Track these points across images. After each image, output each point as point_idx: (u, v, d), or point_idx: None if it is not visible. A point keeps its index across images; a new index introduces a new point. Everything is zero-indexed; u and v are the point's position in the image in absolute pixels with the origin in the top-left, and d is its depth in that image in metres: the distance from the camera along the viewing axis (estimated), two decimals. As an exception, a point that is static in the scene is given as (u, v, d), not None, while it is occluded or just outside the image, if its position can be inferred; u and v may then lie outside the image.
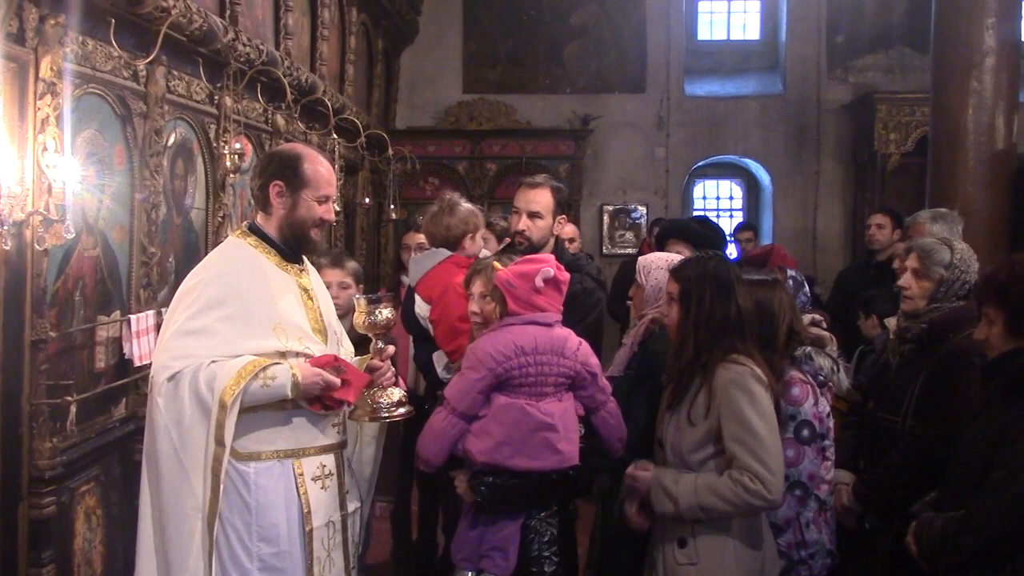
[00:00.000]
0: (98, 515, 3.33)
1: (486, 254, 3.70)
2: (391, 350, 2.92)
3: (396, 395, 2.85)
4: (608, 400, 2.95)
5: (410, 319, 3.61)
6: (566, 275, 2.94)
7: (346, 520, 2.87)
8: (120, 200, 3.47)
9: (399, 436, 3.37)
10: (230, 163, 4.17)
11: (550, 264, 2.90)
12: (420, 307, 3.55)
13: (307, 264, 2.97)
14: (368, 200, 7.51)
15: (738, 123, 9.33)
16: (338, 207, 2.95)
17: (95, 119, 3.28)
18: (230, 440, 2.59)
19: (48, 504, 2.92)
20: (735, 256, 7.21)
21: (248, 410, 2.62)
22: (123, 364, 3.47)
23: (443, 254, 3.61)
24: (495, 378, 2.77)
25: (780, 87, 9.43)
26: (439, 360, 3.48)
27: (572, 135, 9.00)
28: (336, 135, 5.88)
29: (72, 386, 3.04)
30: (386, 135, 7.00)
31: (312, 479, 2.74)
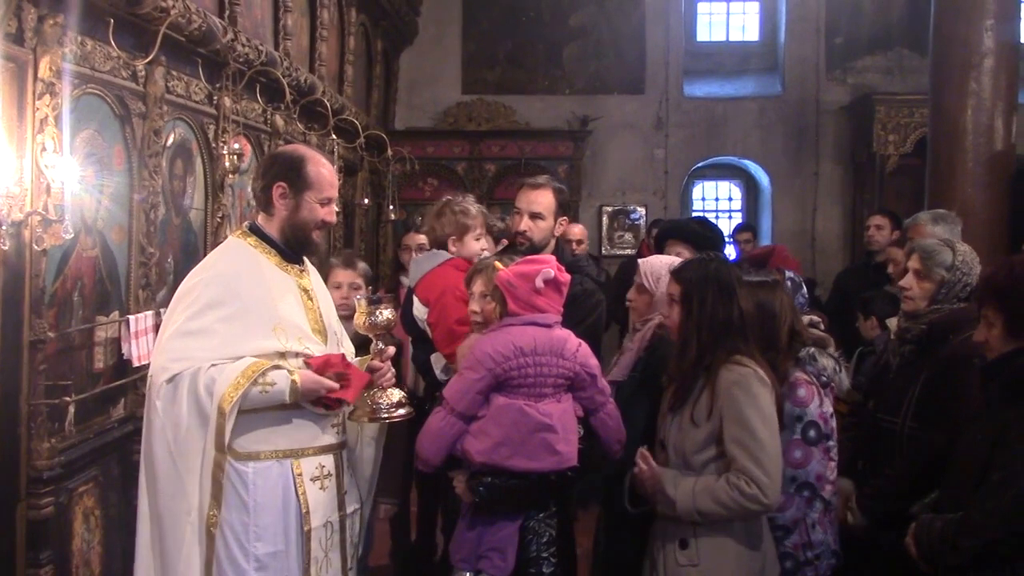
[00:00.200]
0: (96, 516, 3.32)
1: (487, 255, 3.70)
2: (391, 351, 2.91)
3: (396, 396, 2.84)
4: (607, 401, 2.94)
5: (408, 320, 3.61)
6: (567, 276, 2.93)
7: (344, 521, 2.86)
8: (119, 200, 3.46)
9: (404, 437, 3.36)
10: (229, 163, 4.17)
11: (551, 265, 2.88)
12: (418, 309, 3.54)
13: (307, 265, 2.96)
14: (367, 201, 7.52)
15: (737, 124, 9.33)
16: (337, 208, 2.95)
17: (94, 119, 3.27)
18: (228, 444, 2.58)
19: (46, 505, 2.92)
20: (734, 257, 7.21)
21: (247, 410, 2.61)
22: (122, 365, 3.47)
23: (442, 256, 3.60)
24: (494, 378, 2.76)
25: (779, 88, 9.43)
26: (437, 362, 3.47)
27: (571, 136, 9.00)
28: (335, 136, 5.88)
29: (71, 386, 3.04)
30: (385, 136, 7.00)
31: (311, 479, 2.73)
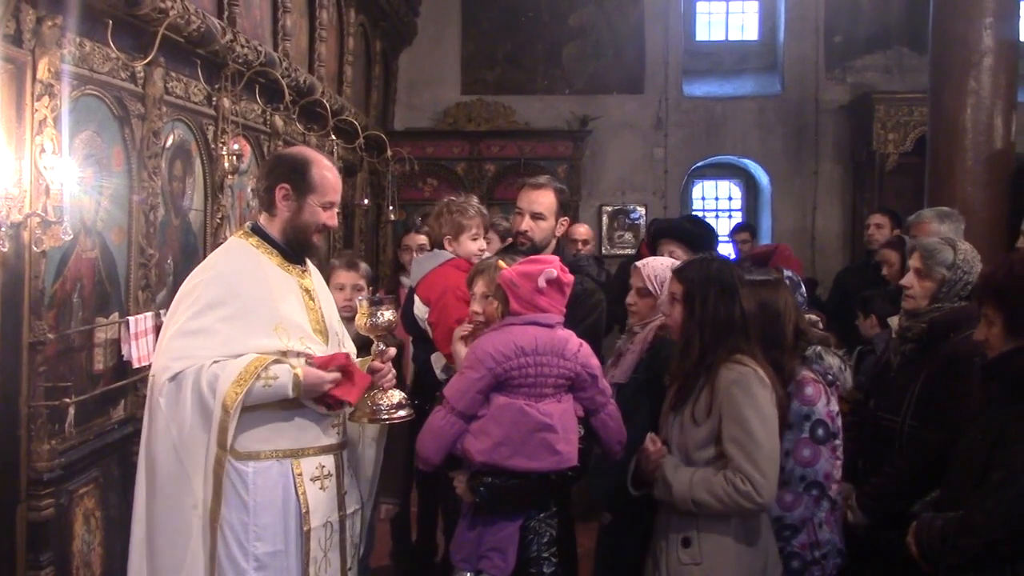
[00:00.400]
0: (97, 517, 3.32)
1: (487, 255, 3.69)
2: (392, 352, 2.91)
3: (396, 397, 2.84)
4: (608, 402, 2.93)
5: (409, 320, 3.61)
6: (570, 277, 2.93)
7: (344, 521, 2.86)
8: (118, 202, 3.46)
9: (405, 437, 3.36)
10: (228, 164, 4.17)
11: (554, 265, 2.88)
12: (419, 309, 3.54)
13: (309, 265, 2.96)
14: (367, 201, 7.51)
15: (736, 123, 9.32)
16: (337, 209, 2.95)
17: (93, 120, 3.27)
18: (231, 442, 2.58)
19: (47, 506, 2.91)
20: (733, 257, 7.21)
21: (248, 409, 2.61)
22: (122, 366, 3.47)
23: (444, 256, 3.61)
24: (494, 378, 2.76)
25: (778, 87, 9.42)
26: (437, 362, 3.47)
27: (571, 136, 8.99)
28: (334, 136, 5.88)
29: (70, 388, 3.04)
30: (384, 136, 7.00)
31: (311, 479, 2.74)
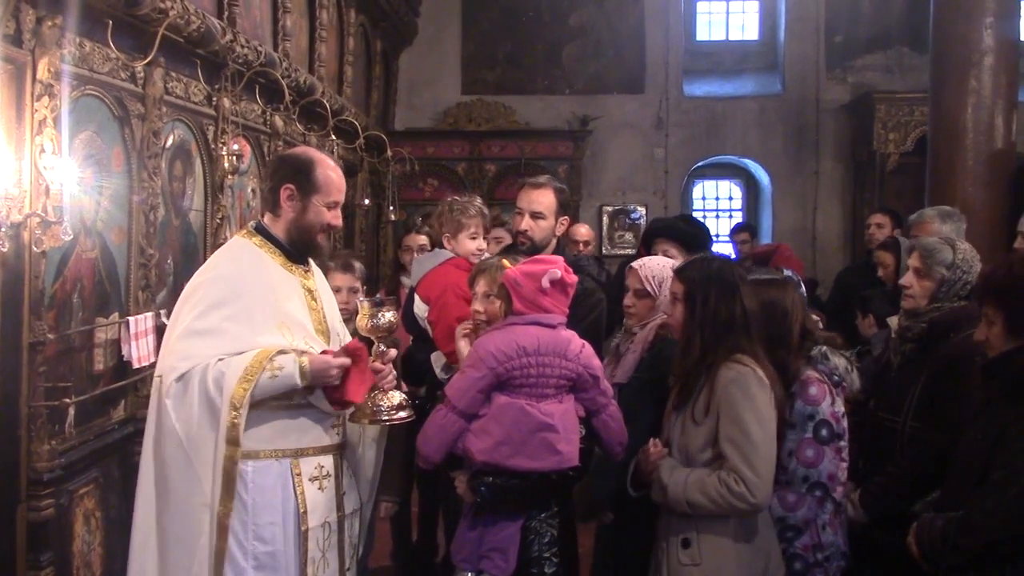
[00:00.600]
0: (97, 517, 3.32)
1: (487, 255, 3.70)
2: (392, 353, 2.91)
3: (397, 398, 2.84)
4: (609, 403, 2.92)
5: (409, 319, 3.62)
6: (574, 278, 2.92)
7: (343, 522, 2.86)
8: (118, 202, 3.46)
9: (403, 434, 3.36)
10: (228, 164, 4.17)
11: (558, 266, 2.87)
12: (419, 307, 3.55)
13: (312, 265, 2.97)
14: (367, 201, 7.51)
15: (737, 123, 9.32)
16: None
17: (93, 121, 3.27)
18: (243, 438, 2.58)
19: (47, 506, 2.92)
20: (733, 257, 7.20)
21: (250, 408, 2.61)
22: (122, 366, 3.47)
23: (444, 255, 3.62)
24: (495, 377, 2.76)
25: (779, 87, 9.42)
26: (437, 361, 3.47)
27: (571, 136, 8.99)
28: (335, 136, 5.88)
29: (70, 388, 3.04)
30: (385, 136, 7.00)
31: (309, 479, 2.74)
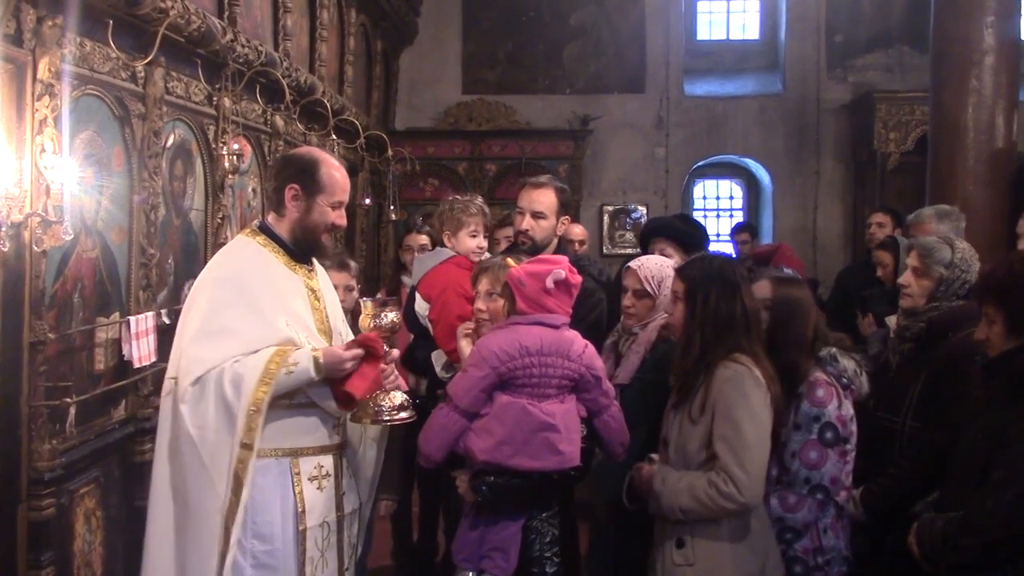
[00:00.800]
0: (98, 517, 3.32)
1: (487, 255, 3.70)
2: (395, 354, 2.91)
3: (398, 399, 2.84)
4: (611, 404, 2.93)
5: (411, 317, 3.62)
6: (578, 278, 2.91)
7: (342, 522, 2.86)
8: (119, 201, 3.46)
9: (404, 434, 3.36)
10: (229, 164, 4.16)
11: (563, 266, 2.87)
12: (419, 305, 3.56)
13: (316, 265, 2.97)
14: (368, 201, 7.51)
15: (738, 123, 9.32)
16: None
17: (93, 120, 3.27)
18: (258, 442, 2.60)
19: (47, 506, 2.91)
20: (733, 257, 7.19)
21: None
22: (122, 366, 3.47)
23: (445, 254, 3.63)
24: (498, 377, 2.76)
25: (779, 87, 9.42)
26: (437, 359, 3.48)
27: (572, 135, 8.99)
28: (335, 136, 5.88)
29: (71, 388, 3.04)
30: (385, 136, 6.99)
31: (309, 479, 2.74)
